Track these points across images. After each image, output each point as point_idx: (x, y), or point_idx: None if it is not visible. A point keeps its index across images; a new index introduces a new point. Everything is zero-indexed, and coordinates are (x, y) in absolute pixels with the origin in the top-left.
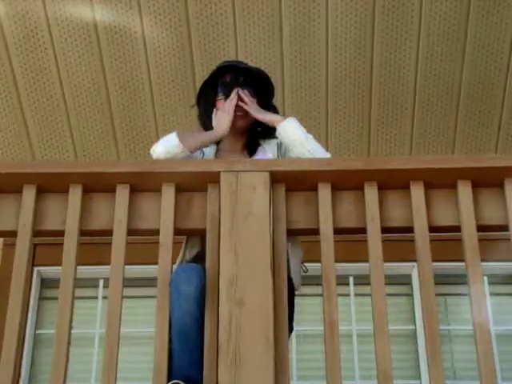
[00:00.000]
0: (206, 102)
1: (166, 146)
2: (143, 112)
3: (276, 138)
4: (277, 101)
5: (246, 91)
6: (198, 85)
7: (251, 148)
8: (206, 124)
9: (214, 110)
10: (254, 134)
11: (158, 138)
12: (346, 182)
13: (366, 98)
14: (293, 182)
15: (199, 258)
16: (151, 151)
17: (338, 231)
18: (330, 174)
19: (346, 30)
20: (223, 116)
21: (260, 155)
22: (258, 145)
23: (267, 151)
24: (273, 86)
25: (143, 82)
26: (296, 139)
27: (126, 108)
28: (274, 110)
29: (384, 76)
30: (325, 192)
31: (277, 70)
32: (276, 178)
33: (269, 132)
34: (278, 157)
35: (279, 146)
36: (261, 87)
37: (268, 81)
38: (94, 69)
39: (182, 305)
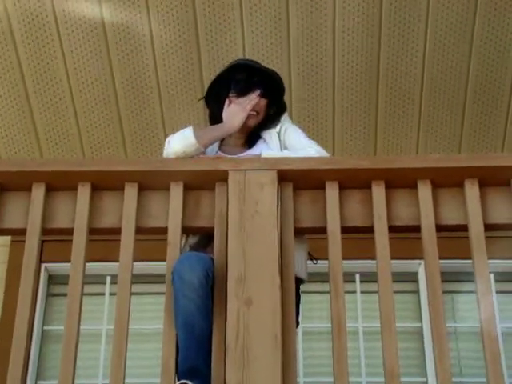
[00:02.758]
0: (215, 97)
1: (184, 145)
2: (150, 108)
3: (274, 128)
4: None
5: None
6: (205, 81)
7: (251, 141)
8: (217, 120)
9: (227, 101)
10: (254, 129)
11: (165, 134)
12: (353, 181)
13: (373, 94)
14: (300, 181)
15: (202, 243)
16: (166, 143)
17: (345, 230)
18: (338, 172)
19: (353, 25)
20: (237, 111)
21: (259, 147)
22: (259, 137)
23: (269, 143)
24: (284, 88)
25: (150, 78)
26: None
27: (133, 105)
28: (284, 108)
29: (391, 70)
30: (332, 191)
31: (283, 66)
32: (283, 177)
33: (267, 123)
34: (281, 147)
35: (279, 134)
36: (271, 87)
37: (280, 83)
38: (100, 65)
39: (186, 293)
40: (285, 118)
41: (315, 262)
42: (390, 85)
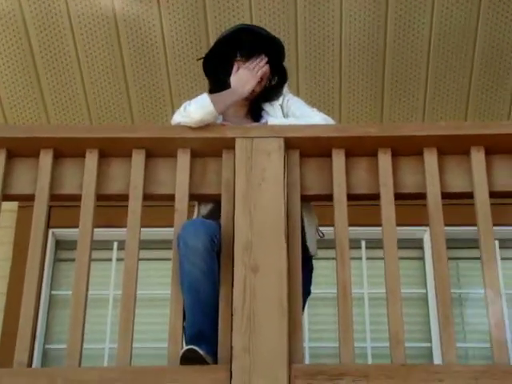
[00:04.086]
0: (218, 58)
1: (203, 114)
2: (157, 76)
3: (277, 100)
4: (290, 68)
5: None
6: (211, 43)
7: (255, 113)
8: (217, 81)
9: (235, 66)
10: (257, 99)
11: (171, 103)
12: (359, 148)
13: (380, 61)
14: (307, 148)
15: (214, 213)
16: (182, 109)
17: (351, 197)
18: (344, 140)
19: None
20: (248, 77)
21: (265, 119)
22: (262, 109)
23: (272, 115)
24: (284, 56)
25: (157, 44)
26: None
27: (140, 72)
28: (286, 77)
29: (398, 36)
30: (339, 158)
31: (291, 37)
32: (290, 144)
33: (271, 95)
34: (285, 117)
35: (282, 106)
36: (274, 54)
37: (283, 50)
38: (107, 31)
39: (191, 258)
40: (286, 89)
41: (322, 236)
42: (397, 51)
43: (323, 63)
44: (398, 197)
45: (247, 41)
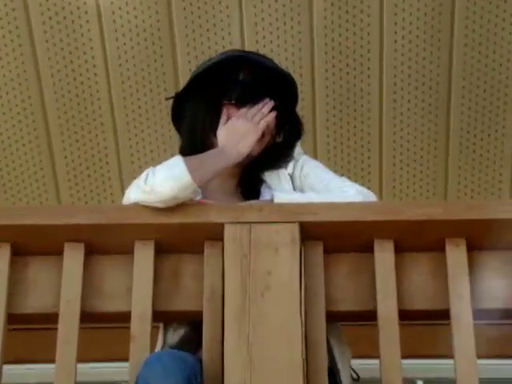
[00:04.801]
0: (198, 101)
1: (177, 188)
2: (98, 132)
3: (284, 167)
4: (303, 116)
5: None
6: (182, 84)
7: (249, 186)
8: (194, 136)
9: (224, 113)
10: (253, 165)
11: (119, 171)
12: (417, 239)
13: (442, 107)
14: (335, 239)
15: (189, 342)
16: (142, 180)
17: (404, 315)
18: (393, 225)
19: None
20: (247, 129)
21: (266, 195)
22: (260, 180)
23: (278, 189)
24: (298, 99)
25: (98, 85)
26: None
27: (71, 127)
28: (299, 132)
29: (470, 65)
30: (385, 254)
31: (304, 66)
32: (310, 233)
33: (275, 159)
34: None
35: (293, 176)
36: (282, 96)
37: (296, 91)
38: (20, 56)
39: None
40: (299, 150)
41: (356, 378)
42: (469, 88)
43: (353, 109)
44: (481, 315)
45: (245, 77)
